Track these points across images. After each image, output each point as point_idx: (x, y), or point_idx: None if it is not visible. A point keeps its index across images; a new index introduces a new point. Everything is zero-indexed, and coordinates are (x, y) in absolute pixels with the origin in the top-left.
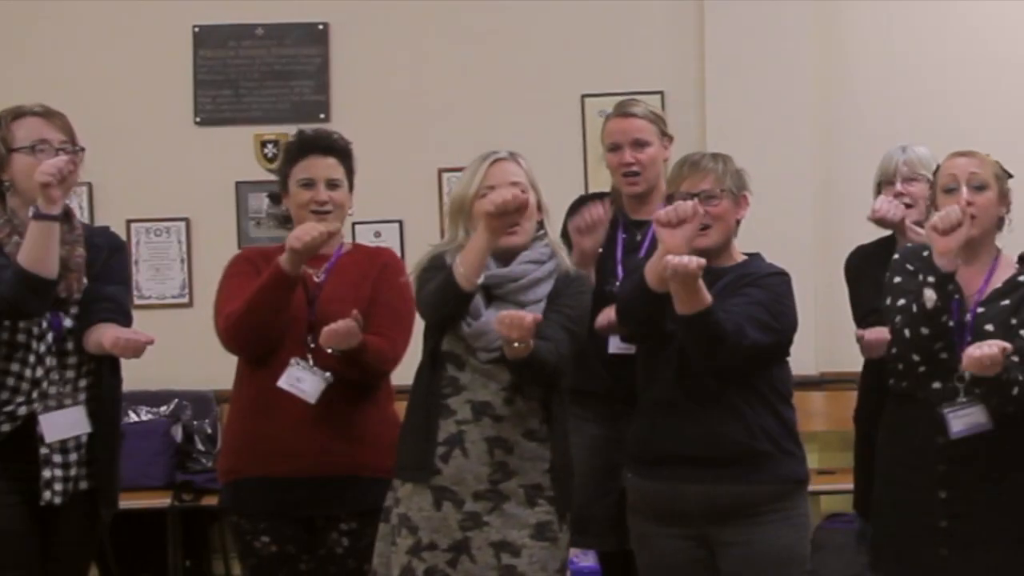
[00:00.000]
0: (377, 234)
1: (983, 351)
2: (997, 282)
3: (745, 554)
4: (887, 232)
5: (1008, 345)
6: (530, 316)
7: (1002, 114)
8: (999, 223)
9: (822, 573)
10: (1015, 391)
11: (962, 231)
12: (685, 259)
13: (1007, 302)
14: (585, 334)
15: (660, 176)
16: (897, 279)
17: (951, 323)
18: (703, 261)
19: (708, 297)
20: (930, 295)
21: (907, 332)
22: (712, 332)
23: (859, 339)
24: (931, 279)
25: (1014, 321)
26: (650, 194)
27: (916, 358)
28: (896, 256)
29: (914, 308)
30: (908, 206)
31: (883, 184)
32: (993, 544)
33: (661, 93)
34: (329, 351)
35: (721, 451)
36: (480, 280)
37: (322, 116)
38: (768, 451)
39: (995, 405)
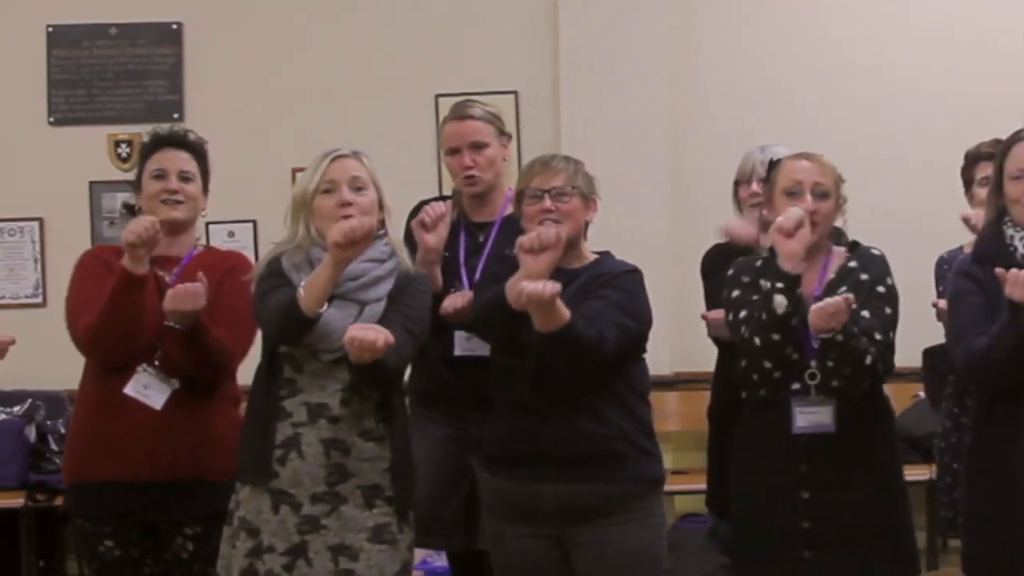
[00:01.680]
0: (231, 234)
1: (827, 301)
2: (831, 273)
3: (601, 554)
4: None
5: (851, 296)
6: (382, 339)
7: (851, 114)
8: (833, 230)
9: (677, 573)
10: (868, 360)
11: (804, 233)
12: (540, 285)
13: (843, 289)
14: (426, 333)
15: (500, 176)
16: (735, 293)
17: (793, 322)
18: (558, 287)
19: (566, 314)
20: (780, 300)
21: (757, 340)
22: (573, 346)
23: (704, 318)
24: (779, 284)
25: (853, 306)
26: (491, 194)
27: (769, 365)
28: (730, 271)
29: (763, 316)
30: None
31: (740, 183)
32: (854, 544)
33: (515, 93)
34: (172, 324)
35: (577, 451)
36: (324, 308)
37: (176, 116)
38: (624, 451)
39: (851, 378)
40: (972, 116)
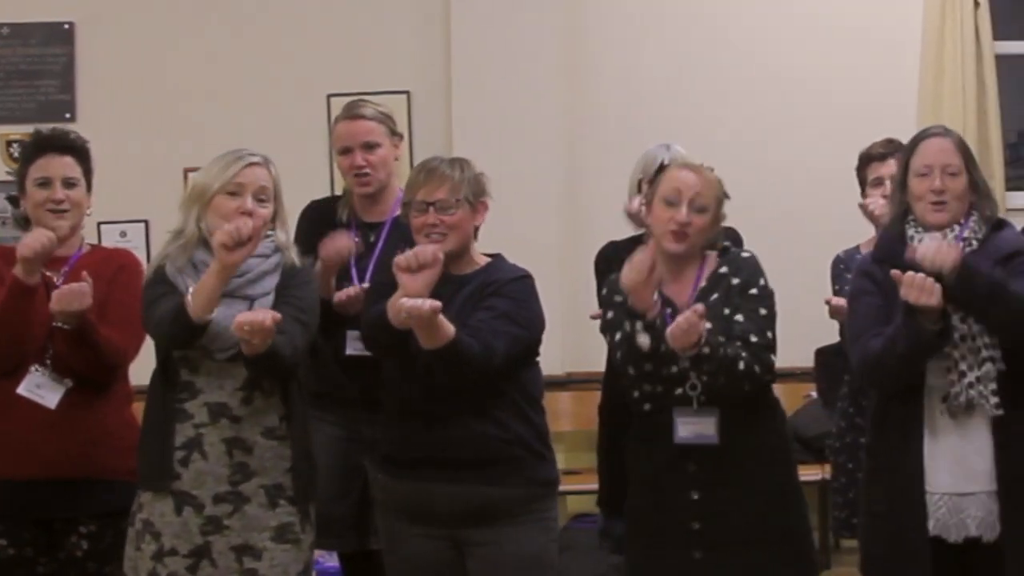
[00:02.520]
0: (123, 234)
1: (677, 321)
2: (703, 280)
3: (495, 555)
4: (640, 231)
5: (700, 306)
6: (269, 317)
7: (744, 114)
8: (708, 243)
9: (569, 573)
10: (741, 365)
11: (656, 276)
12: (419, 302)
13: (716, 295)
14: (316, 323)
15: (392, 176)
16: (609, 314)
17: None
18: (438, 305)
19: (450, 330)
20: (643, 341)
21: (631, 370)
22: (460, 360)
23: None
24: (639, 324)
25: (727, 311)
26: (382, 194)
27: (648, 388)
28: (603, 291)
29: (632, 351)
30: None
31: (643, 182)
32: (743, 545)
33: (407, 93)
34: (60, 324)
35: (471, 454)
36: (212, 314)
37: (68, 116)
38: (518, 455)
39: (728, 385)
40: (865, 116)
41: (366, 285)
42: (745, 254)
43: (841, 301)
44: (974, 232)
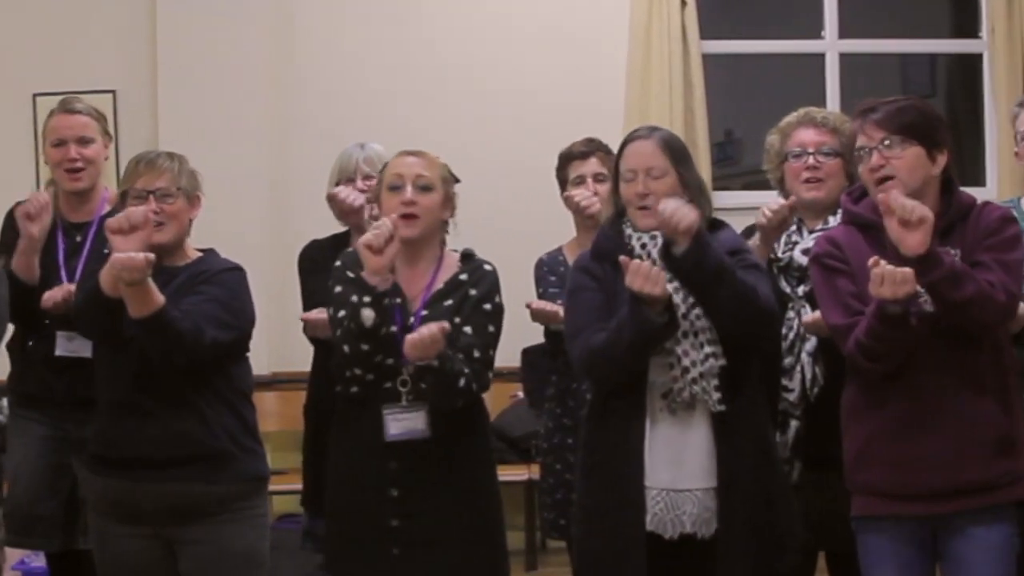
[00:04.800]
0: None
1: (422, 332)
2: (440, 283)
3: (206, 553)
4: (342, 229)
5: (446, 324)
6: None
7: (448, 114)
8: (444, 226)
9: (275, 573)
10: (462, 382)
11: (393, 247)
12: (132, 255)
13: (450, 302)
14: (5, 323)
15: (101, 175)
16: (338, 288)
17: (393, 329)
18: (152, 257)
19: (160, 298)
20: (368, 314)
21: (347, 348)
22: (168, 333)
23: (303, 320)
24: (367, 299)
25: (458, 320)
26: (89, 193)
27: (359, 372)
28: (337, 263)
29: (352, 326)
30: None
31: (342, 181)
32: (442, 543)
33: (113, 92)
34: None
35: (182, 450)
36: None
37: None
38: (229, 450)
39: (443, 398)
40: (573, 116)
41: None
42: (487, 267)
43: (544, 304)
44: None
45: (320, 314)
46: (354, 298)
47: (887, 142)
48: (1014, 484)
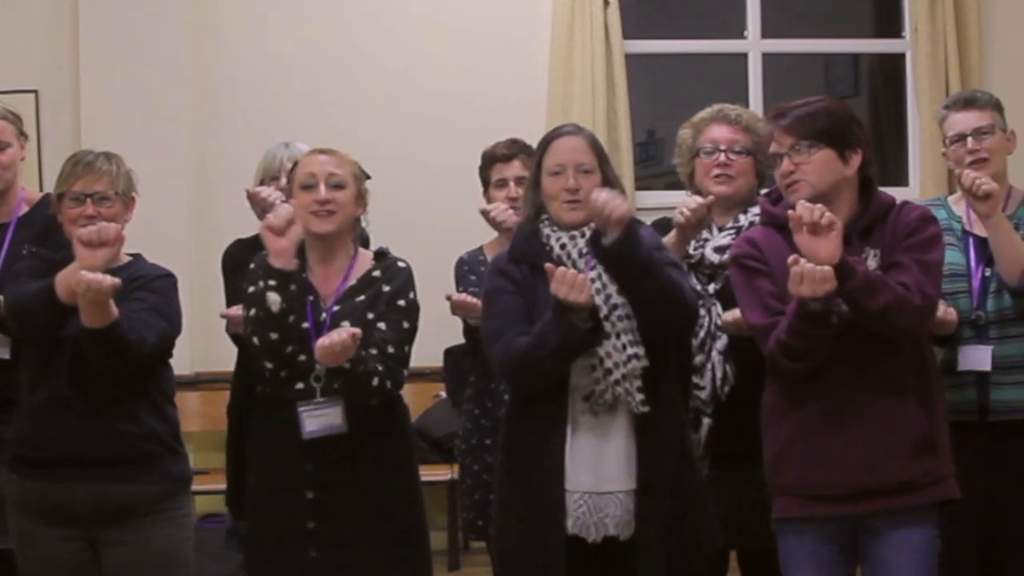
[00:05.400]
0: None
1: (332, 338)
2: (353, 279)
3: (131, 553)
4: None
5: (358, 331)
6: None
7: (374, 113)
8: (356, 223)
9: (199, 574)
10: (375, 382)
11: (296, 230)
12: (101, 277)
13: (362, 298)
14: None
15: (17, 177)
16: (251, 288)
17: (305, 325)
18: (118, 282)
19: (115, 311)
20: (274, 298)
21: (257, 340)
22: (116, 344)
23: (224, 316)
24: (272, 282)
25: (371, 316)
26: (6, 194)
27: (271, 365)
28: (251, 265)
29: (260, 314)
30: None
31: (267, 180)
32: (361, 544)
33: (35, 92)
34: None
35: (109, 451)
36: None
37: None
38: (157, 451)
39: (357, 398)
40: (496, 115)
41: None
42: (401, 264)
43: (464, 296)
44: None
45: (241, 311)
46: (260, 283)
47: (796, 147)
48: (935, 484)
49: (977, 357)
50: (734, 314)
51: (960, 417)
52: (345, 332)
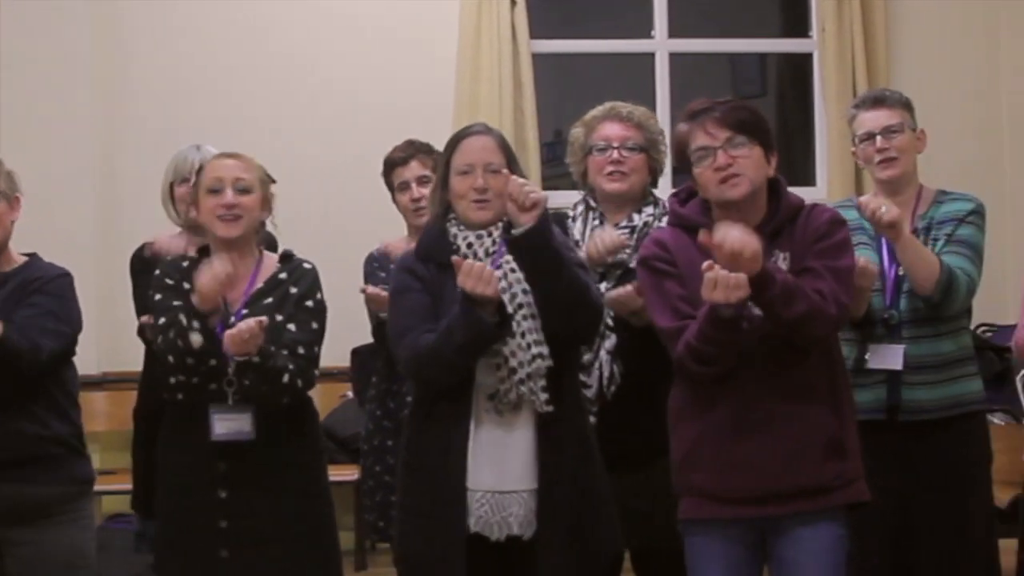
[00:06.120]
0: None
1: (239, 327)
2: (259, 282)
3: (31, 555)
4: (175, 230)
5: (264, 318)
6: None
7: (281, 114)
8: (262, 227)
9: (105, 574)
10: (286, 378)
11: (226, 266)
12: None
13: (270, 300)
14: None
15: None
16: (158, 296)
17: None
18: None
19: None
20: (197, 339)
21: (172, 359)
22: (8, 356)
23: (142, 325)
24: (196, 324)
25: (280, 318)
26: None
27: (183, 378)
28: (157, 272)
29: (180, 343)
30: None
31: (177, 183)
32: (272, 544)
33: None
34: None
35: (18, 452)
36: None
37: None
38: (60, 452)
39: (268, 395)
40: (403, 115)
41: None
42: (307, 265)
43: (377, 290)
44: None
45: (149, 319)
46: (183, 318)
47: (733, 141)
48: (844, 487)
49: (889, 356)
50: (619, 291)
51: (871, 416)
52: (252, 320)
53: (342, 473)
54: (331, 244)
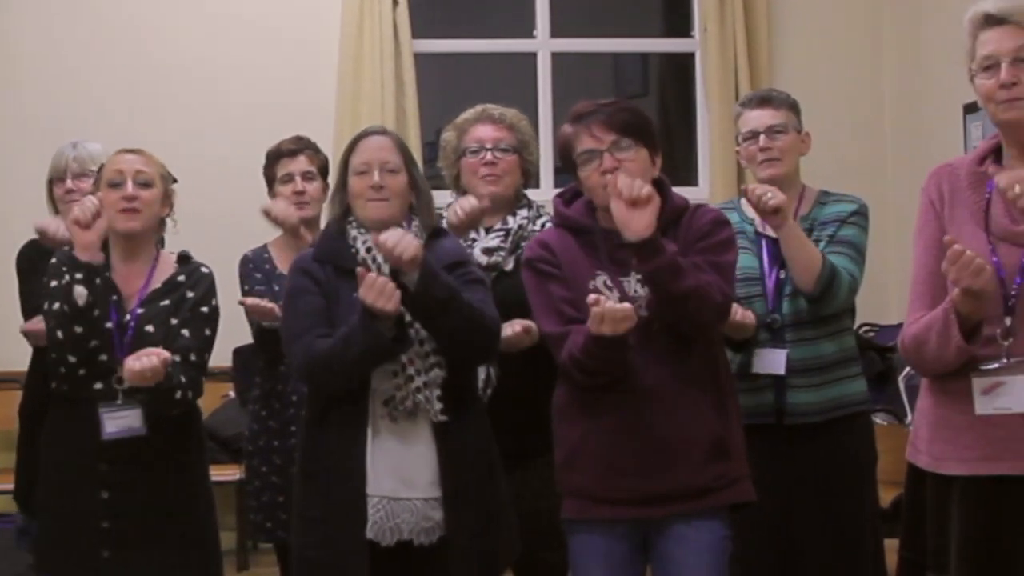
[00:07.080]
0: None
1: (143, 363)
2: (157, 282)
3: None
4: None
5: (168, 355)
6: None
7: (163, 113)
8: (162, 224)
9: None
10: (178, 395)
11: (101, 223)
12: None
13: (167, 302)
14: None
15: None
16: (54, 283)
17: (108, 324)
18: None
19: None
20: (81, 291)
21: (60, 334)
22: None
23: (24, 332)
24: (79, 275)
25: (175, 321)
26: None
27: (73, 359)
28: (52, 260)
29: (65, 308)
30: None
31: (54, 181)
32: (154, 545)
33: None
34: None
35: None
36: None
37: None
38: None
39: (159, 409)
40: (284, 114)
41: None
42: (204, 269)
43: (257, 301)
44: (416, 236)
45: (39, 324)
46: (66, 276)
47: (619, 144)
48: (727, 488)
49: (772, 361)
50: (507, 334)
51: (758, 420)
52: (156, 358)
53: (224, 473)
54: (215, 243)
